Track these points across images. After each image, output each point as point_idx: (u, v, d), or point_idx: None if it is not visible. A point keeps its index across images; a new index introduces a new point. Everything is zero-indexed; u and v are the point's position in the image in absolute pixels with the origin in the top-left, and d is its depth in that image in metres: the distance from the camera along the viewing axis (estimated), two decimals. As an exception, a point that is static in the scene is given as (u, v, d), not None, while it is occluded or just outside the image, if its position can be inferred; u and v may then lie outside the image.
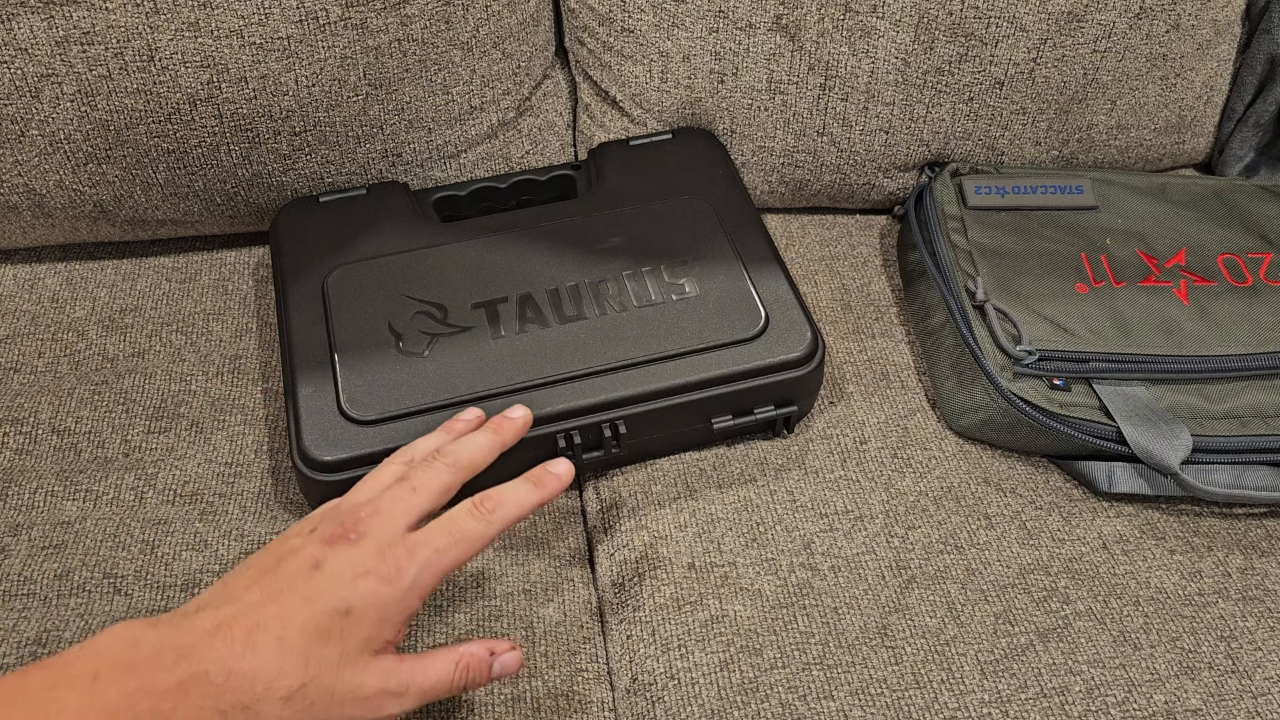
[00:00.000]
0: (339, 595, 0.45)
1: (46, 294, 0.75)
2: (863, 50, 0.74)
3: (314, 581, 0.45)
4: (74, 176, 0.70)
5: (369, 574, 0.46)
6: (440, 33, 0.71)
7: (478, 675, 0.49)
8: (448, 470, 0.51)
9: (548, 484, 0.52)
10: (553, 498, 0.52)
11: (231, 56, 0.66)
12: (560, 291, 0.66)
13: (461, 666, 0.48)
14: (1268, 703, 0.55)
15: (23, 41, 0.63)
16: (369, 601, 0.45)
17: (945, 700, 0.55)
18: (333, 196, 0.74)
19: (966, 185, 0.76)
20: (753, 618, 0.58)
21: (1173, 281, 0.70)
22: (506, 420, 0.55)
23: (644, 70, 0.77)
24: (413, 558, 0.46)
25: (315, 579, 0.45)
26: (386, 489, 0.50)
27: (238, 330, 0.73)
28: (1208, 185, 0.79)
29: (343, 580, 0.45)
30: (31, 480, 0.63)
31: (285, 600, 0.44)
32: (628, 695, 0.57)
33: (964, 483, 0.65)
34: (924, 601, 0.59)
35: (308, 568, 0.46)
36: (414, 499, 0.49)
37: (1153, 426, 0.62)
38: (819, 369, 0.65)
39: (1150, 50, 0.76)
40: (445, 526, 0.48)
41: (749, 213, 0.73)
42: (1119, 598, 0.59)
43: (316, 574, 0.45)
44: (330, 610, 0.45)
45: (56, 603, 0.57)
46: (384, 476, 0.51)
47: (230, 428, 0.67)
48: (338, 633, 0.44)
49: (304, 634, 0.44)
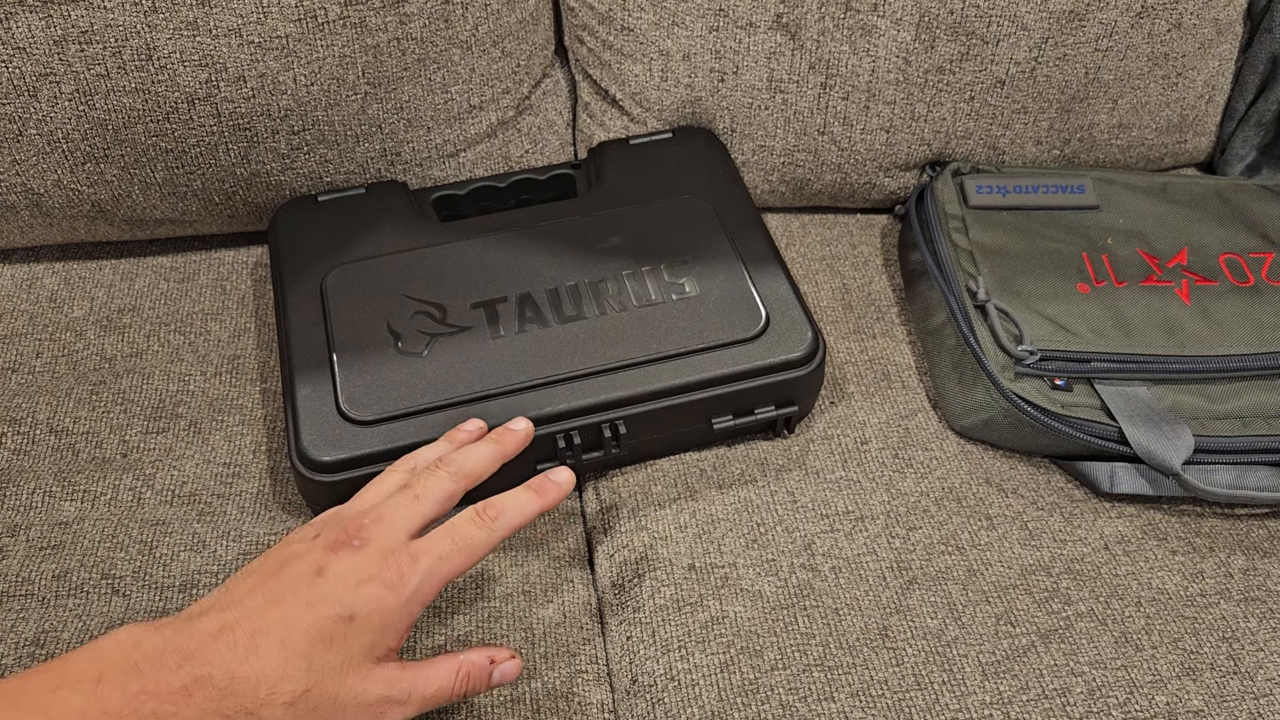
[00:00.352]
0: (342, 601, 0.45)
1: (44, 294, 0.75)
2: (864, 49, 0.74)
3: (317, 587, 0.45)
4: (72, 176, 0.70)
5: (372, 580, 0.46)
6: (439, 31, 0.71)
7: (478, 683, 0.50)
8: (450, 479, 0.51)
9: (549, 492, 0.52)
10: (554, 506, 0.52)
11: (230, 55, 0.66)
12: (560, 291, 0.66)
13: (462, 675, 0.49)
14: (1270, 704, 0.54)
15: (21, 40, 0.63)
16: (372, 607, 0.45)
17: (946, 702, 0.54)
18: (331, 196, 0.74)
19: (968, 184, 0.76)
20: (753, 619, 0.58)
21: (1174, 281, 0.70)
22: (509, 432, 0.56)
23: (644, 69, 0.77)
24: (416, 565, 0.47)
25: (319, 584, 0.45)
26: (389, 496, 0.50)
27: (236, 330, 0.73)
28: (1209, 185, 0.79)
29: (346, 586, 0.45)
30: (29, 481, 0.63)
31: (288, 605, 0.45)
32: (627, 696, 0.57)
33: (965, 483, 0.65)
34: (925, 602, 0.59)
35: (311, 573, 0.46)
36: (417, 506, 0.49)
37: (1154, 427, 0.62)
38: (820, 369, 0.64)
39: (1152, 49, 0.76)
40: (448, 534, 0.48)
41: (749, 212, 0.73)
42: (1121, 598, 0.59)
43: (320, 579, 0.45)
44: (334, 616, 0.45)
45: (54, 603, 0.57)
46: (387, 484, 0.52)
47: (228, 428, 0.67)
48: (341, 638, 0.44)
49: (307, 639, 0.44)
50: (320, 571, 0.46)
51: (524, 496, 0.51)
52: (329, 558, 0.46)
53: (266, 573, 0.46)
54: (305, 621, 0.44)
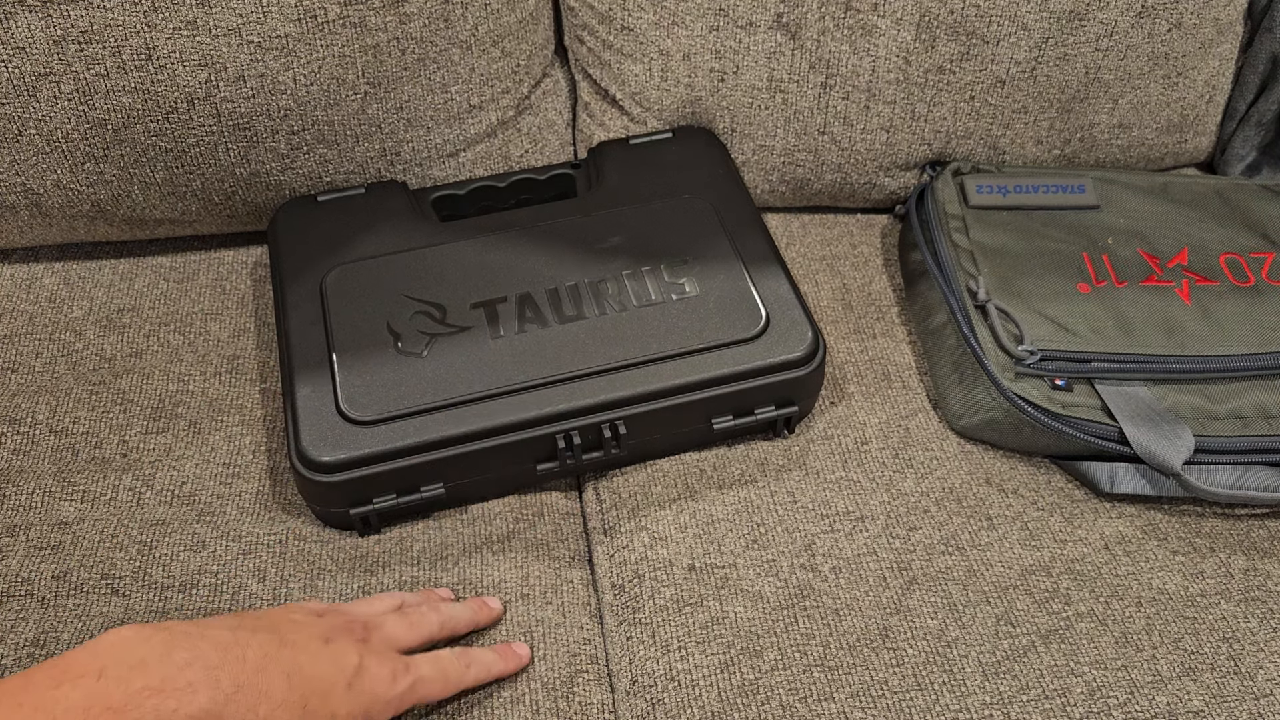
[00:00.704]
0: (345, 670, 0.48)
1: (44, 294, 0.75)
2: (864, 49, 0.74)
3: (325, 651, 0.48)
4: (71, 176, 0.70)
5: (370, 669, 0.49)
6: (439, 31, 0.71)
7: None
8: (438, 617, 0.55)
9: (510, 660, 0.55)
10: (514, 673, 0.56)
11: (229, 55, 0.66)
12: (560, 291, 0.66)
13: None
14: (1270, 704, 0.54)
15: (20, 40, 0.63)
16: (368, 686, 0.48)
17: (947, 702, 0.54)
18: (331, 196, 0.74)
19: (968, 184, 0.76)
20: (753, 619, 0.58)
21: (1175, 281, 0.70)
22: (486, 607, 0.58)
23: (644, 69, 0.77)
24: (408, 673, 0.50)
25: (327, 650, 0.48)
26: (386, 614, 0.54)
27: (236, 330, 0.73)
28: (1210, 185, 0.79)
29: (350, 661, 0.48)
30: (29, 481, 0.63)
31: (298, 653, 0.47)
32: (628, 697, 0.57)
33: (965, 483, 0.65)
34: (925, 603, 0.58)
35: (320, 639, 0.48)
36: (409, 631, 0.53)
37: (1155, 427, 0.62)
38: (820, 369, 0.64)
39: (1152, 49, 0.76)
40: (434, 662, 0.52)
41: (749, 212, 0.72)
42: (1121, 599, 0.59)
43: (327, 647, 0.48)
44: (335, 678, 0.47)
45: (54, 603, 0.57)
46: (383, 603, 0.55)
47: (228, 428, 0.67)
48: (338, 699, 0.47)
49: (309, 685, 0.46)
50: (328, 641, 0.48)
51: (492, 655, 0.55)
52: (336, 634, 0.49)
53: (276, 621, 0.48)
54: (311, 671, 0.46)
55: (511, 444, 0.60)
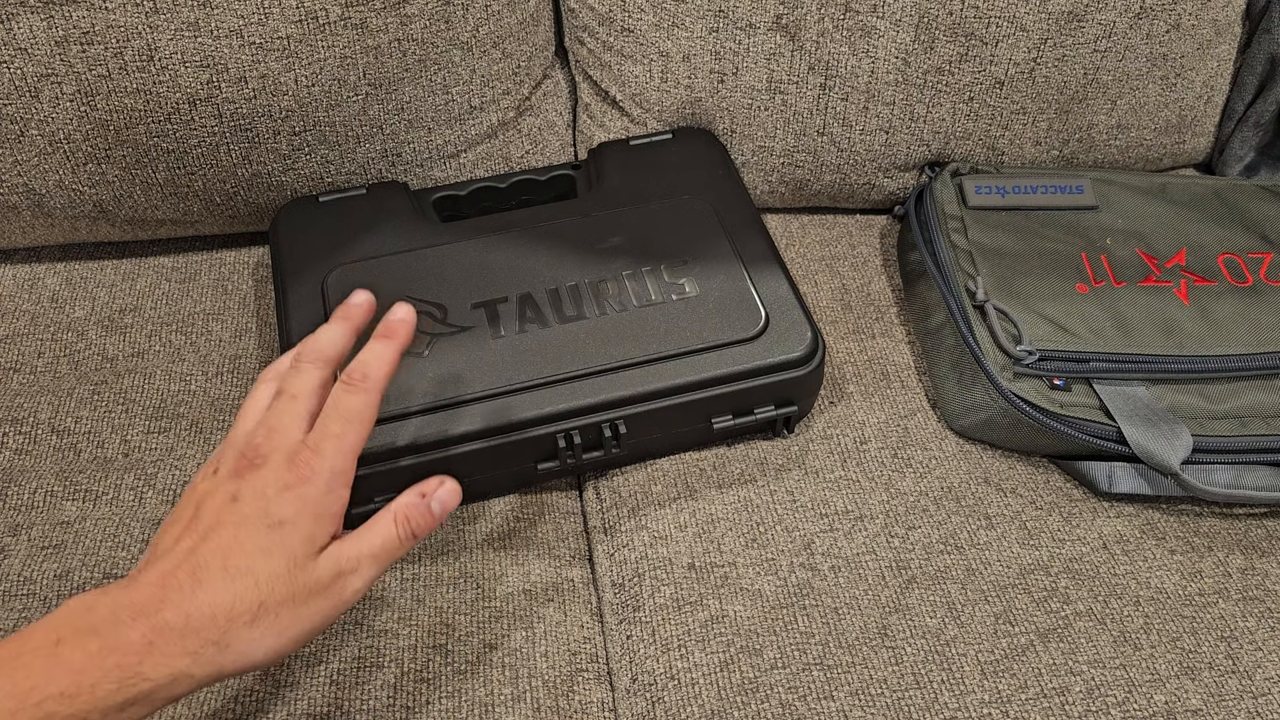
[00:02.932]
0: (267, 513, 0.46)
1: (46, 294, 0.75)
2: (863, 50, 0.74)
3: (238, 510, 0.46)
4: (73, 176, 0.70)
5: (287, 486, 0.47)
6: (440, 32, 0.71)
7: (421, 521, 0.50)
8: (314, 367, 0.51)
9: (399, 331, 0.52)
10: (408, 342, 0.52)
11: (231, 56, 0.66)
12: (560, 291, 0.66)
13: (400, 519, 0.49)
14: (1268, 703, 0.55)
15: (22, 41, 0.63)
16: (296, 507, 0.46)
17: (945, 700, 0.55)
18: (332, 196, 0.74)
19: (967, 185, 0.76)
20: (753, 618, 0.58)
21: (1173, 281, 0.70)
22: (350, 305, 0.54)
23: (644, 70, 0.77)
24: (320, 454, 0.48)
25: (238, 508, 0.46)
26: (269, 408, 0.51)
27: (237, 330, 0.73)
28: (1208, 185, 0.79)
29: (265, 500, 0.46)
30: (31, 480, 0.63)
31: (218, 537, 0.46)
32: (628, 695, 0.57)
33: (964, 483, 0.65)
34: (924, 602, 0.59)
35: (227, 502, 0.47)
36: (296, 406, 0.50)
37: (1153, 426, 0.62)
38: (819, 369, 0.64)
39: (1150, 50, 0.76)
40: (333, 413, 0.49)
41: (749, 212, 0.73)
42: (1119, 598, 0.59)
43: (238, 504, 0.46)
44: (263, 528, 0.46)
45: (56, 603, 0.57)
46: (260, 397, 0.52)
47: (230, 428, 0.67)
48: (279, 546, 0.46)
49: (246, 557, 0.45)
50: (235, 498, 0.47)
51: (378, 346, 0.51)
52: (238, 483, 0.47)
53: (185, 520, 0.47)
54: (238, 543, 0.45)
55: (512, 443, 0.60)
